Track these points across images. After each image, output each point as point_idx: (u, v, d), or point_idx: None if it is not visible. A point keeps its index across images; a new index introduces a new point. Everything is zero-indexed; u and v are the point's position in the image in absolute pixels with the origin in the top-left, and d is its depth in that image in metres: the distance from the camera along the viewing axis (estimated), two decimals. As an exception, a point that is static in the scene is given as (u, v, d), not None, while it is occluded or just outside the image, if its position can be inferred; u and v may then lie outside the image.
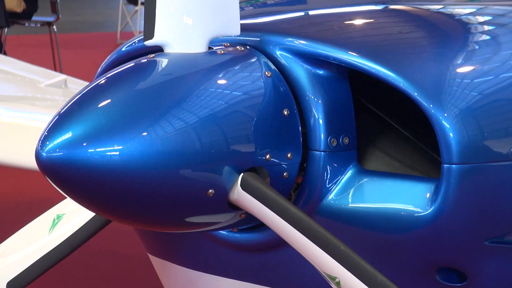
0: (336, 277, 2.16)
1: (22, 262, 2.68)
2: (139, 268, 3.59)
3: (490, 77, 2.49)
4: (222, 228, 2.45)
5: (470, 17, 2.93)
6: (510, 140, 2.37)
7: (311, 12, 3.03)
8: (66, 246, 2.61)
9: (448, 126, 2.30)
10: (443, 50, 2.58)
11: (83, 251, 2.66)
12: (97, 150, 2.10)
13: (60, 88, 5.27)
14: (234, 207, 2.26)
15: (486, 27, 2.83)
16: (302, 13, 3.02)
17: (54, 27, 11.60)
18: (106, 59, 2.70)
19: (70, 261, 2.71)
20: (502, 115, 2.41)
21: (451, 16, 2.97)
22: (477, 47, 2.65)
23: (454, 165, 2.31)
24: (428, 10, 2.99)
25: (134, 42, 2.65)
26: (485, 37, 2.75)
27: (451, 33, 2.77)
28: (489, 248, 2.41)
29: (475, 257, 2.42)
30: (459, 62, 2.51)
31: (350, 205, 2.43)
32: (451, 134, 2.30)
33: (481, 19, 2.92)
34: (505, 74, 2.50)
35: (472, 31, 2.80)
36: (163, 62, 2.29)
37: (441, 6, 3.07)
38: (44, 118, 2.10)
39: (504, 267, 2.47)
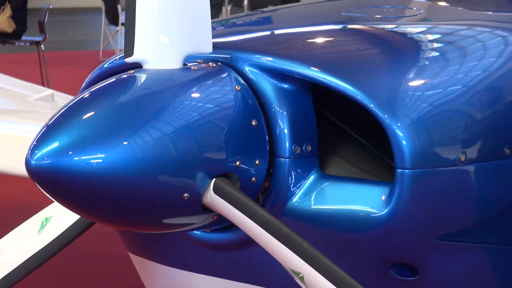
0: (300, 273, 2.17)
1: (12, 261, 2.68)
2: (121, 266, 3.59)
3: (439, 90, 2.50)
4: (196, 229, 2.46)
5: (420, 35, 2.95)
6: (457, 147, 2.39)
7: (276, 31, 3.05)
8: (54, 246, 2.61)
9: (401, 134, 2.32)
10: (396, 66, 2.60)
11: (69, 250, 2.66)
12: (82, 158, 2.10)
13: (47, 102, 5.24)
14: (207, 210, 2.27)
15: (435, 45, 2.84)
16: (268, 32, 3.03)
17: (42, 46, 11.56)
18: (89, 75, 2.70)
19: (58, 259, 2.71)
20: (449, 125, 2.42)
21: (403, 34, 2.98)
22: (427, 62, 2.66)
23: (406, 170, 2.33)
24: (383, 29, 3.01)
25: (115, 59, 2.66)
26: (434, 53, 2.76)
27: (403, 50, 2.79)
28: (438, 245, 2.43)
29: (426, 254, 2.44)
30: (410, 76, 2.53)
31: (312, 207, 2.44)
32: (404, 142, 2.32)
33: (430, 37, 2.93)
34: (452, 88, 2.52)
35: (422, 48, 2.82)
36: (142, 77, 2.30)
37: (395, 26, 3.08)
38: (33, 130, 2.10)
39: (451, 261, 2.49)
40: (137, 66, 2.35)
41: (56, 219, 2.67)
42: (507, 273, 2.58)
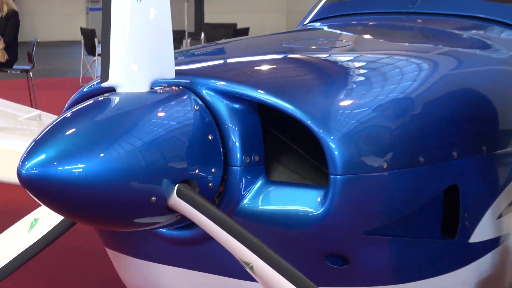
0: (250, 263, 2.17)
1: (6, 255, 2.66)
2: (99, 259, 3.57)
3: (364, 109, 2.52)
4: (163, 227, 2.44)
5: (349, 63, 2.97)
6: (380, 157, 2.41)
7: (229, 60, 3.06)
8: (42, 242, 2.59)
9: (333, 146, 2.34)
10: (328, 88, 2.61)
11: (55, 246, 2.64)
12: (65, 168, 2.10)
13: (35, 121, 5.21)
14: (171, 211, 2.26)
15: (360, 70, 2.86)
16: (222, 61, 3.04)
17: (30, 73, 11.48)
18: (71, 98, 2.69)
19: (45, 254, 2.69)
20: (373, 138, 2.44)
21: (334, 62, 2.99)
22: (354, 85, 2.68)
23: (338, 176, 2.34)
24: (318, 58, 3.02)
25: (93, 84, 2.65)
26: (360, 77, 2.78)
27: (334, 75, 2.80)
28: (365, 239, 2.44)
29: (355, 246, 2.45)
30: (341, 97, 2.54)
31: (260, 207, 2.44)
32: (335, 152, 2.33)
33: (356, 64, 2.95)
34: (374, 106, 2.54)
35: (350, 73, 2.83)
36: (116, 99, 2.29)
37: (327, 55, 3.09)
38: (23, 144, 2.09)
39: (376, 252, 2.50)
40: (112, 90, 2.34)
41: (44, 219, 2.65)
42: (421, 260, 2.60)
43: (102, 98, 2.32)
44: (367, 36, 3.63)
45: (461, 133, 2.67)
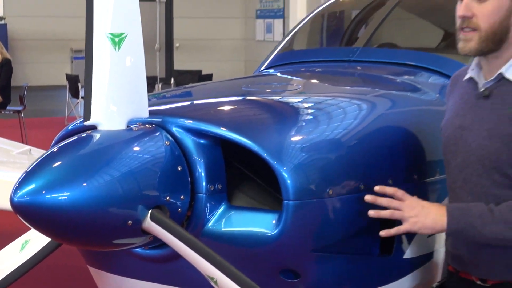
0: (214, 278, 2.16)
1: (0, 272, 2.63)
2: (82, 276, 3.54)
3: (312, 143, 2.52)
4: (138, 246, 2.42)
5: (298, 103, 2.97)
6: (326, 184, 2.42)
7: (195, 102, 3.06)
8: (32, 261, 2.56)
9: (286, 175, 2.34)
10: (281, 126, 2.61)
11: (43, 264, 2.61)
12: (52, 195, 2.08)
13: (26, 155, 5.18)
14: (145, 233, 2.25)
15: (309, 110, 2.86)
16: (189, 102, 3.04)
17: (22, 114, 11.40)
18: (58, 134, 2.67)
19: (35, 271, 2.65)
20: (320, 168, 2.45)
21: (286, 103, 3.00)
22: (303, 123, 2.68)
23: (290, 201, 2.34)
24: (272, 99, 3.03)
25: (77, 123, 2.63)
26: (308, 116, 2.79)
27: (287, 114, 2.80)
28: (313, 256, 2.44)
29: (305, 262, 2.45)
30: (292, 133, 2.54)
31: (222, 229, 2.43)
32: (288, 181, 2.34)
33: (305, 105, 2.95)
34: (321, 142, 2.55)
35: (300, 112, 2.84)
36: (96, 136, 2.28)
37: (280, 97, 3.10)
38: (15, 176, 2.08)
39: (323, 267, 2.50)
40: (93, 127, 2.33)
41: (33, 241, 2.62)
42: (362, 274, 2.60)
43: (84, 135, 2.31)
44: (314, 81, 3.65)
45: (395, 164, 2.69)
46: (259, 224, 2.43)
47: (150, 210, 2.23)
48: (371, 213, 2.37)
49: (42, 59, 22.64)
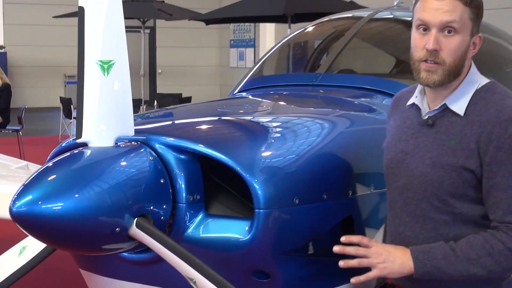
0: (193, 278, 2.16)
1: (0, 273, 2.61)
2: (74, 278, 3.51)
3: (280, 158, 2.53)
4: (125, 251, 2.41)
5: (268, 123, 2.97)
6: (293, 194, 2.42)
7: (176, 121, 3.05)
8: (29, 265, 2.54)
9: (257, 187, 2.34)
10: (253, 142, 2.61)
11: (39, 268, 2.59)
12: (47, 206, 2.07)
13: (24, 170, 5.15)
14: (131, 239, 2.24)
15: (277, 128, 2.87)
16: (170, 122, 3.03)
17: (20, 132, 11.32)
18: (52, 151, 2.65)
19: (31, 274, 2.63)
20: (287, 181, 2.44)
21: (257, 122, 2.99)
22: (272, 140, 2.68)
23: (261, 210, 2.34)
24: (244, 119, 3.02)
25: (70, 141, 2.61)
26: (277, 134, 2.78)
27: (258, 132, 2.80)
28: (282, 258, 2.43)
29: (274, 264, 2.44)
30: (262, 149, 2.54)
31: (201, 235, 2.42)
32: (259, 192, 2.34)
33: (274, 124, 2.95)
34: (288, 157, 2.55)
35: (269, 131, 2.84)
36: (87, 152, 2.27)
37: (252, 117, 3.10)
38: (14, 188, 2.08)
39: (291, 268, 2.49)
40: (84, 145, 2.32)
41: (30, 247, 2.60)
42: (325, 274, 2.60)
43: (76, 151, 2.30)
44: (281, 103, 3.66)
45: (354, 176, 2.70)
46: (233, 230, 2.42)
47: (136, 218, 2.22)
48: (341, 263, 2.26)
49: (38, 84, 22.58)
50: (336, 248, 2.27)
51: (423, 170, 2.22)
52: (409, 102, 2.35)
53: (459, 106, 2.21)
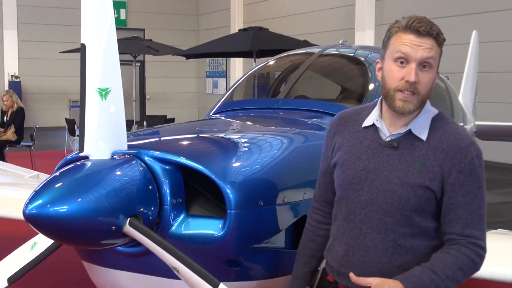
0: (176, 268, 2.14)
1: (15, 267, 2.56)
2: (77, 269, 3.46)
3: (248, 168, 2.53)
4: (119, 245, 2.39)
5: (238, 139, 2.96)
6: (257, 198, 2.42)
7: (162, 138, 3.03)
8: (39, 258, 2.50)
9: (228, 191, 2.34)
10: (225, 155, 2.61)
11: (48, 260, 2.55)
12: (55, 208, 2.05)
13: (35, 178, 5.12)
14: (125, 235, 2.22)
15: (245, 144, 2.86)
16: (157, 138, 3.01)
17: (32, 148, 11.22)
18: (59, 163, 2.62)
19: (41, 266, 2.59)
20: (254, 186, 2.45)
21: (229, 138, 2.99)
22: (241, 153, 2.68)
23: (232, 211, 2.34)
24: (218, 136, 3.03)
25: (73, 154, 2.59)
26: (244, 148, 2.79)
27: (229, 146, 2.80)
28: (250, 250, 2.43)
29: (244, 255, 2.43)
30: (233, 161, 2.54)
31: (182, 232, 2.41)
32: (230, 196, 2.34)
33: (243, 140, 2.94)
34: (254, 166, 2.55)
35: (239, 145, 2.83)
36: (88, 164, 2.24)
37: (224, 134, 3.10)
38: (26, 194, 2.06)
39: (257, 258, 2.49)
40: (86, 157, 2.30)
41: (40, 243, 2.56)
42: (286, 263, 2.58)
43: (79, 163, 2.27)
44: (248, 123, 3.66)
45: (308, 182, 2.70)
46: (209, 227, 2.41)
47: (129, 218, 2.20)
48: None
49: (47, 107, 22.42)
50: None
51: (390, 188, 2.06)
52: (366, 124, 2.16)
53: (421, 131, 2.07)
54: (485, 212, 2.08)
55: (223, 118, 3.76)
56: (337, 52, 4.30)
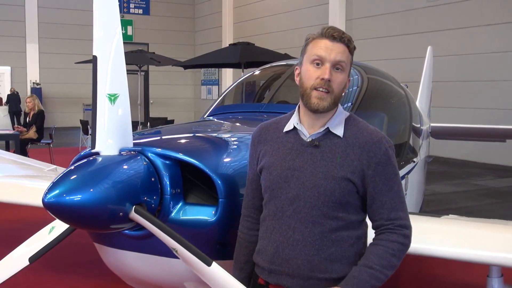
0: (175, 248, 2.12)
1: (35, 247, 2.54)
2: (89, 249, 3.44)
3: (236, 163, 2.52)
4: (126, 229, 2.36)
5: (228, 138, 2.95)
6: (241, 188, 2.40)
7: (163, 137, 3.01)
8: (57, 240, 2.47)
9: (220, 183, 2.33)
10: (217, 151, 2.60)
11: (64, 242, 2.53)
12: (70, 197, 2.02)
13: (54, 171, 5.09)
14: (131, 220, 2.20)
15: (235, 142, 2.85)
16: (159, 137, 2.99)
17: (51, 145, 11.14)
18: (74, 158, 2.60)
19: (58, 247, 2.56)
20: (240, 179, 2.42)
21: (220, 137, 2.98)
22: (230, 150, 2.67)
23: (222, 199, 2.34)
24: (211, 134, 3.01)
25: (86, 151, 2.56)
26: (233, 145, 2.77)
27: (220, 143, 2.80)
28: (235, 233, 2.35)
29: (231, 237, 2.40)
30: (224, 156, 2.53)
31: (180, 218, 2.39)
32: (221, 187, 2.33)
33: (232, 138, 2.93)
34: (243, 162, 2.53)
35: (228, 143, 2.82)
36: (99, 159, 2.21)
37: (216, 133, 3.09)
38: (46, 185, 2.04)
39: None
40: (97, 154, 2.28)
41: (58, 227, 2.54)
42: None
43: (91, 158, 2.24)
44: (237, 124, 3.65)
45: None
46: (204, 214, 2.40)
47: (134, 206, 2.17)
48: None
49: (64, 110, 22.35)
50: None
51: (316, 182, 1.97)
52: (287, 129, 2.10)
53: (338, 129, 2.02)
54: (404, 194, 2.04)
55: (215, 120, 3.75)
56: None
